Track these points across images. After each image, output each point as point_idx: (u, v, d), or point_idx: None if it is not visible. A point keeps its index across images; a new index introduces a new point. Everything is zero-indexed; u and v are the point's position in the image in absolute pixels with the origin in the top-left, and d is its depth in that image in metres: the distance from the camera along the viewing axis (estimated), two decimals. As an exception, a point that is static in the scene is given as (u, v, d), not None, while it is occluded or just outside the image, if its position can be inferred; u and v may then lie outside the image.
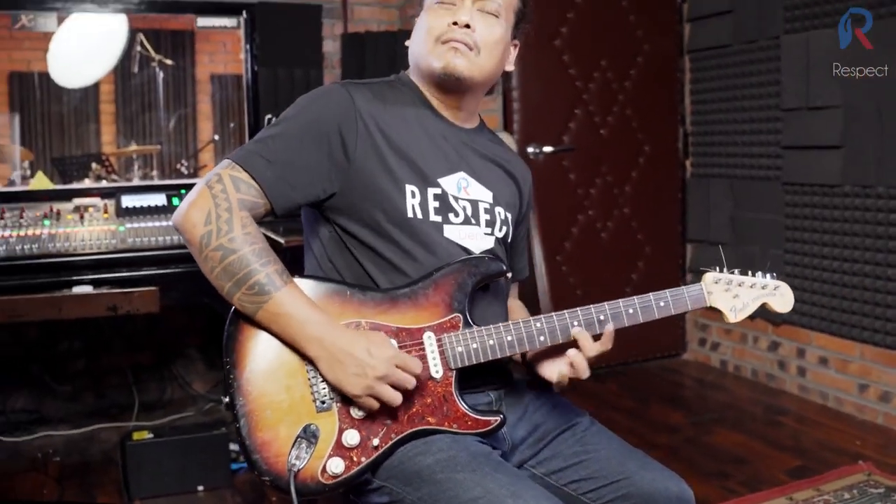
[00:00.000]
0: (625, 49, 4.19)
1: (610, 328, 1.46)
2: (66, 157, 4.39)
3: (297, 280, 1.41)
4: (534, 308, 1.88)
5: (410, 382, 1.35)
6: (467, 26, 1.50)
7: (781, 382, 3.90)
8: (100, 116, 4.52)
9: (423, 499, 1.34)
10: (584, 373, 1.46)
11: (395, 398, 1.34)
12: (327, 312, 1.38)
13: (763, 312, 1.59)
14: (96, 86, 4.36)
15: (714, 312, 1.57)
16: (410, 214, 1.48)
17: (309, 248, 1.58)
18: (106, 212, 3.01)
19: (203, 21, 3.93)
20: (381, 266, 1.48)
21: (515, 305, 1.79)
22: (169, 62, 4.33)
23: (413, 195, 1.49)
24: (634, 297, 1.51)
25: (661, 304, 1.51)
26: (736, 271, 1.56)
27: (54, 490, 2.94)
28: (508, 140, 3.83)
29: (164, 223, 2.94)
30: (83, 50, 4.18)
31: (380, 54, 3.82)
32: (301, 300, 1.36)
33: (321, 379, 1.37)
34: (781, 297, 1.56)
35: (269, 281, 1.34)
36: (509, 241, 1.65)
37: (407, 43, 1.62)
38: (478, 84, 1.57)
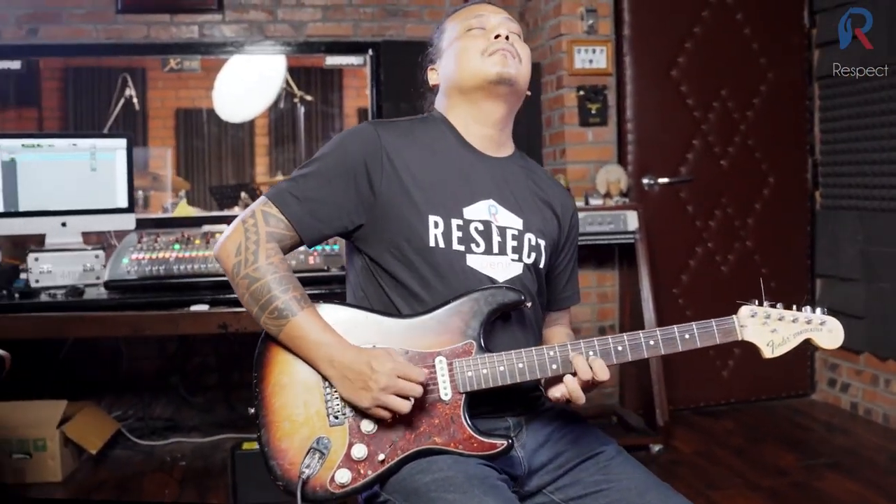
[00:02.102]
0: (747, 77, 4.09)
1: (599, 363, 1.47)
2: (223, 185, 4.81)
3: (323, 306, 1.53)
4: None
5: (415, 390, 1.42)
6: (507, 38, 1.62)
7: (914, 429, 3.65)
8: (255, 149, 4.93)
9: None
10: (580, 399, 1.48)
11: (402, 406, 1.42)
12: (344, 336, 1.49)
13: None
14: (252, 120, 4.76)
15: (838, 351, 1.54)
16: (433, 244, 1.55)
17: (348, 279, 1.71)
18: (230, 238, 3.27)
19: (331, 60, 4.18)
20: (402, 294, 1.57)
21: (562, 333, 1.81)
22: (309, 98, 4.65)
23: (436, 225, 1.56)
24: (657, 328, 1.52)
25: (686, 336, 1.50)
26: (779, 305, 1.52)
27: (175, 490, 3.23)
28: (618, 173, 3.83)
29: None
30: (245, 87, 4.57)
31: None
32: (316, 324, 1.48)
33: (336, 396, 1.48)
34: (829, 333, 1.50)
35: (287, 306, 1.48)
36: (541, 266, 1.67)
37: (432, 82, 1.74)
38: (520, 93, 1.67)
